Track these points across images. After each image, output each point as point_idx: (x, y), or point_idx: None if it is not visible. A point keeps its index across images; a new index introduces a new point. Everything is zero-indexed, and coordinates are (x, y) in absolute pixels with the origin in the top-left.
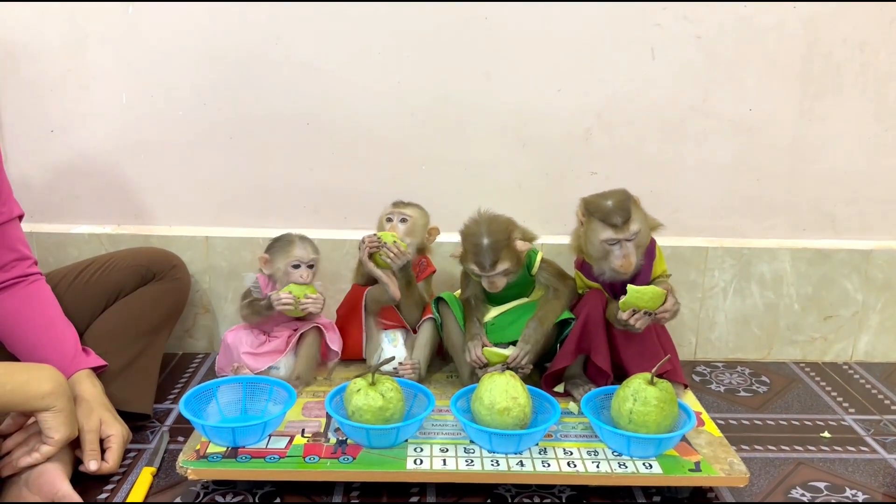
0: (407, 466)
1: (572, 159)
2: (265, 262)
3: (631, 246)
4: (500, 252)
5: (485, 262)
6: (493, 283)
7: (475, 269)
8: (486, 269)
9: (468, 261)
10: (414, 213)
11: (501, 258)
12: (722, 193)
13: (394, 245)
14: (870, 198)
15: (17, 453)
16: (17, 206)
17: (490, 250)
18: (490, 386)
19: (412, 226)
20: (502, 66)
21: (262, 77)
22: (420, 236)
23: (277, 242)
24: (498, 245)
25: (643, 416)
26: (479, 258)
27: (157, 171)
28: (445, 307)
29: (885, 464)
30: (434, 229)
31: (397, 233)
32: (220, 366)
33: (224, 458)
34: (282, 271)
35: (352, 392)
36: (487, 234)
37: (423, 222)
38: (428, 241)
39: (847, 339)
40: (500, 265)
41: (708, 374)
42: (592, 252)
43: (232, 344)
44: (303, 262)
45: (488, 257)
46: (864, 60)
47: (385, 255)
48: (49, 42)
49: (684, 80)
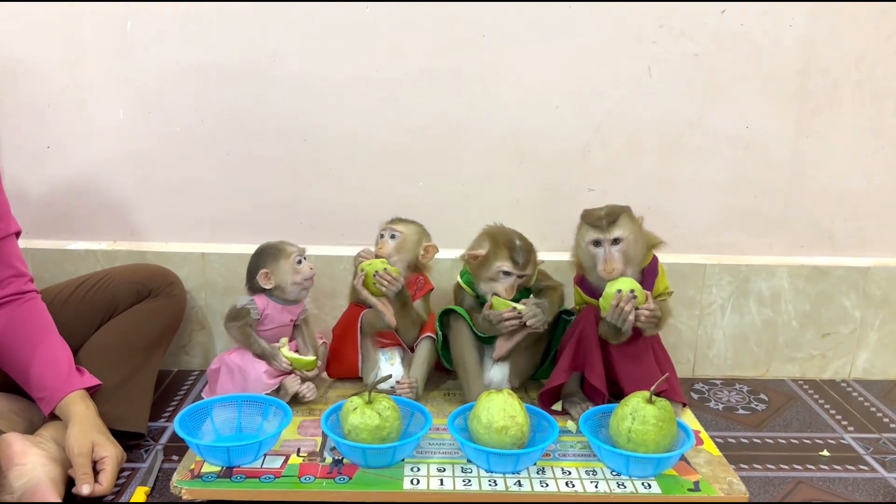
0: (404, 486)
1: (570, 176)
2: (266, 276)
3: (615, 251)
4: (531, 253)
5: (519, 259)
6: (512, 287)
7: (506, 267)
8: (520, 267)
9: (497, 258)
10: (405, 230)
11: (532, 259)
12: (719, 210)
13: (385, 273)
14: (867, 214)
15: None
16: (14, 222)
17: (524, 249)
18: (488, 404)
19: (402, 242)
20: (500, 83)
21: (259, 93)
22: (412, 253)
23: (264, 255)
24: (531, 246)
25: (642, 435)
26: (514, 254)
27: (153, 188)
28: (458, 319)
29: (885, 482)
30: (431, 247)
31: (386, 248)
32: (223, 389)
33: (219, 478)
34: (288, 274)
35: (348, 411)
36: (518, 236)
37: (415, 238)
38: (424, 259)
39: (845, 356)
40: (530, 267)
41: (706, 392)
42: (583, 259)
43: (242, 366)
44: (300, 255)
45: (522, 255)
46: (860, 77)
47: (378, 284)
48: (47, 58)
49: (681, 96)
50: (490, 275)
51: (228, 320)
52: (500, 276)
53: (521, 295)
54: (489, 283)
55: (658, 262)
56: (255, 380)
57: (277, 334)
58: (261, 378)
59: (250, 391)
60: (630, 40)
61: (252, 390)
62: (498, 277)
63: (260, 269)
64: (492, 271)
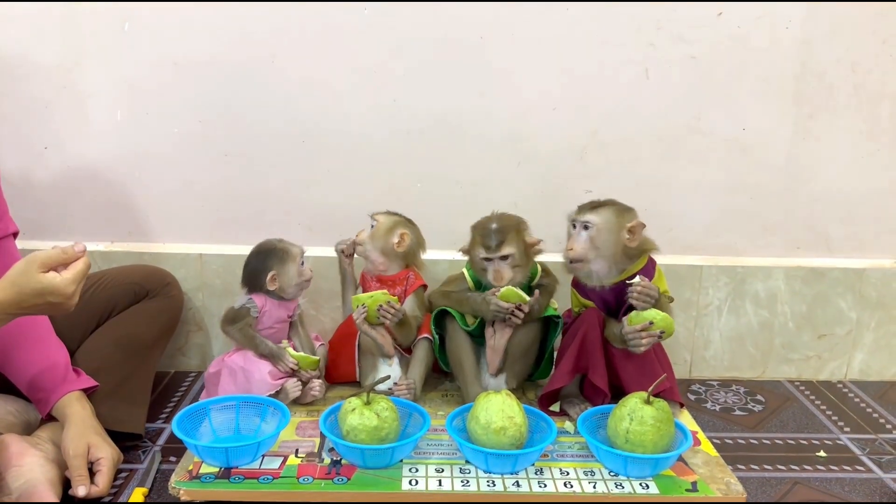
0: (402, 487)
1: (567, 178)
2: (273, 279)
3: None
4: (506, 234)
5: (490, 243)
6: (498, 271)
7: (481, 253)
8: (492, 250)
9: (475, 246)
10: (381, 218)
11: (508, 240)
12: (716, 212)
13: (389, 306)
14: (864, 216)
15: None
16: (11, 223)
17: (497, 232)
18: (486, 405)
19: (375, 230)
20: (497, 85)
21: (257, 94)
22: (383, 240)
23: (271, 257)
24: (505, 228)
25: (640, 436)
26: (486, 240)
27: (151, 189)
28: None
29: (881, 483)
30: (405, 234)
31: (361, 235)
32: (225, 392)
33: (217, 479)
34: (294, 276)
35: (346, 411)
36: (497, 220)
37: (388, 226)
38: (398, 248)
39: (841, 357)
40: (506, 247)
41: (703, 393)
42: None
43: (245, 367)
44: (302, 256)
45: (495, 238)
46: (856, 80)
47: (382, 318)
48: (44, 58)
49: (679, 99)
50: (478, 266)
51: (227, 323)
52: (485, 264)
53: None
54: (482, 274)
55: (656, 264)
56: (260, 381)
57: (276, 332)
58: (265, 379)
59: (254, 392)
60: (628, 43)
61: (256, 391)
62: (484, 265)
63: (268, 272)
64: (476, 262)
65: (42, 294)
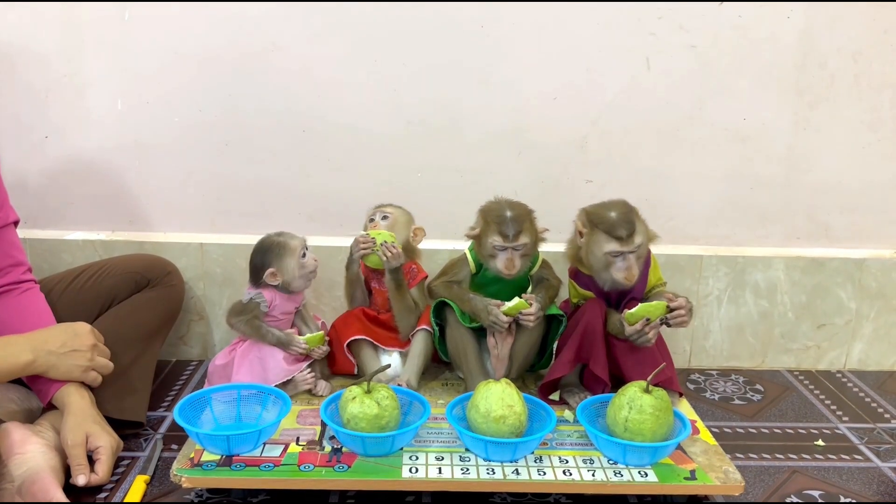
0: (402, 475)
1: (568, 167)
2: (273, 275)
3: (633, 258)
4: (523, 223)
5: (508, 231)
6: (511, 260)
7: (497, 241)
8: (510, 239)
9: (489, 233)
10: (395, 212)
11: (525, 230)
12: (716, 202)
13: (391, 245)
14: (864, 207)
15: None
16: (12, 211)
17: (514, 221)
18: (486, 394)
19: (393, 222)
20: (498, 75)
21: (258, 83)
22: (402, 233)
23: (269, 253)
24: (521, 217)
25: (639, 425)
26: (503, 227)
27: (152, 178)
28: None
29: (879, 472)
30: (419, 229)
31: (379, 228)
32: (239, 380)
33: (218, 467)
34: (295, 270)
35: (347, 400)
36: (510, 207)
37: (405, 220)
38: (414, 241)
39: (841, 347)
40: (524, 237)
41: (702, 382)
42: (594, 263)
43: (260, 356)
44: (304, 248)
45: (512, 227)
46: (857, 70)
47: (382, 253)
48: (45, 47)
49: (679, 89)
50: (487, 252)
51: (233, 315)
52: (497, 252)
53: (520, 281)
54: (490, 260)
55: (651, 253)
56: (275, 368)
57: (282, 323)
58: (280, 365)
59: (271, 380)
60: (629, 32)
61: (272, 379)
62: (495, 253)
63: (267, 269)
64: (487, 248)
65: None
